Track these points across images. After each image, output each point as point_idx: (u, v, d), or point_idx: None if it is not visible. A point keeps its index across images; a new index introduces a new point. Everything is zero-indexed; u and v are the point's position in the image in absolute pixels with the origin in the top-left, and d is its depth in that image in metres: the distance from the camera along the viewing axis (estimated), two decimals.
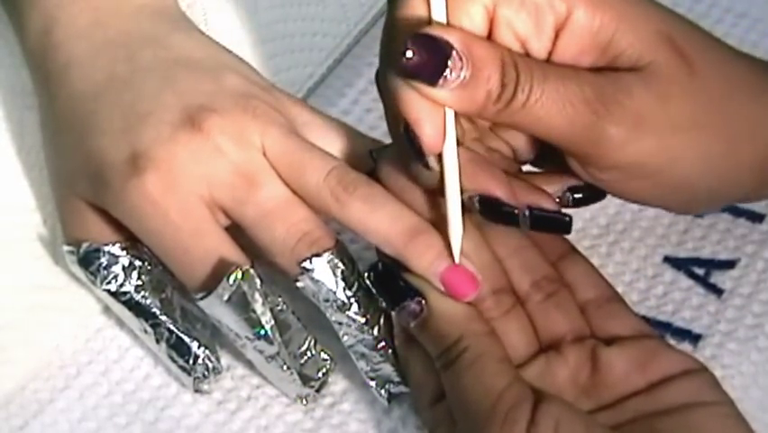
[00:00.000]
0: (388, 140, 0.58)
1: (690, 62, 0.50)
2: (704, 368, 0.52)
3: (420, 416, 0.55)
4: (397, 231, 0.53)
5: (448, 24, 0.49)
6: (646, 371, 0.51)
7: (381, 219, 0.53)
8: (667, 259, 0.61)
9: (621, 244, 0.62)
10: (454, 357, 0.51)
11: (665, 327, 0.58)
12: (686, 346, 0.57)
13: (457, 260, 0.52)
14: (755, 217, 0.62)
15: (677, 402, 0.50)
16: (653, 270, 0.61)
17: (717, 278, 0.60)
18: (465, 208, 0.52)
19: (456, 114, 0.50)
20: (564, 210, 0.54)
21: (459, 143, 0.51)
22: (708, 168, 0.52)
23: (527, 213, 0.52)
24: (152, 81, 0.56)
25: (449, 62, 0.48)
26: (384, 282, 0.54)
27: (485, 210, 0.52)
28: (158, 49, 0.58)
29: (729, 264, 0.61)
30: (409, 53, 0.48)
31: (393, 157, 0.54)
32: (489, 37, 0.50)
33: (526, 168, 0.56)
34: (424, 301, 0.52)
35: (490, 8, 0.50)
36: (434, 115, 0.49)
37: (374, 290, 0.54)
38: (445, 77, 0.48)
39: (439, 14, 0.49)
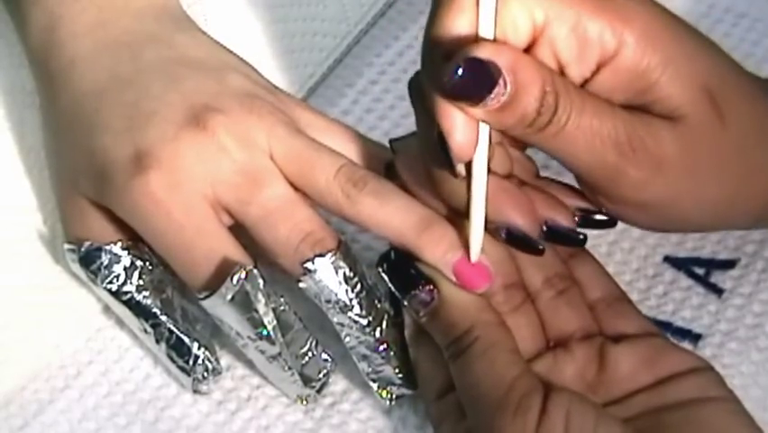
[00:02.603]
0: (387, 139, 0.58)
1: (724, 116, 0.50)
2: (710, 366, 0.52)
3: (426, 410, 0.55)
4: (409, 223, 0.53)
5: (495, 40, 0.48)
6: (653, 368, 0.51)
7: (393, 213, 0.53)
8: (667, 258, 0.61)
9: (621, 244, 0.62)
10: (465, 346, 0.51)
11: (665, 326, 0.59)
12: (686, 346, 0.57)
13: (475, 258, 0.52)
14: None
15: (683, 398, 0.50)
16: (654, 269, 0.61)
17: (718, 277, 0.60)
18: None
19: None
20: None
21: (489, 170, 0.51)
22: (713, 211, 0.52)
23: (544, 227, 0.52)
24: (157, 80, 0.56)
25: (495, 89, 0.48)
26: (396, 270, 0.53)
27: (510, 241, 0.52)
28: (162, 48, 0.58)
29: (729, 264, 0.61)
30: (458, 74, 0.47)
31: (413, 149, 0.53)
32: (528, 51, 0.50)
33: (545, 172, 0.56)
34: (435, 290, 0.52)
35: (539, 26, 0.49)
36: (468, 124, 0.49)
37: (386, 278, 0.53)
38: (486, 101, 0.48)
39: (487, 30, 0.48)
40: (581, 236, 0.53)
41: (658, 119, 0.50)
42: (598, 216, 0.54)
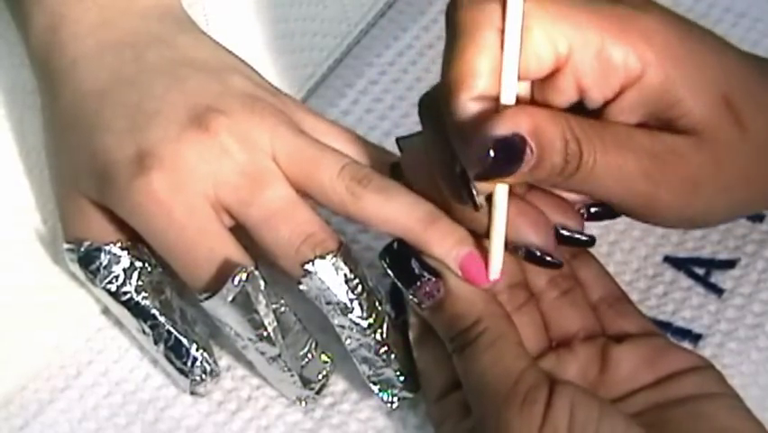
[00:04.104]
0: (387, 139, 0.58)
1: (744, 124, 0.50)
2: (710, 365, 0.52)
3: (427, 410, 0.55)
4: (415, 218, 0.53)
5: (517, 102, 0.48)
6: (654, 367, 0.52)
7: (398, 208, 0.53)
8: (667, 259, 0.61)
9: (621, 244, 0.62)
10: (472, 339, 0.51)
11: (666, 326, 0.59)
12: (686, 346, 0.57)
13: (496, 276, 0.53)
14: (755, 217, 0.62)
15: (685, 394, 0.51)
16: (654, 269, 0.61)
17: (718, 277, 0.60)
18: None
19: None
20: None
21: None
22: (740, 210, 0.54)
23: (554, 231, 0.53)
24: (159, 81, 0.56)
25: (523, 159, 0.48)
26: (399, 262, 0.53)
27: (529, 259, 0.52)
28: (165, 49, 0.58)
29: (729, 264, 0.61)
30: (490, 157, 0.47)
31: (418, 147, 0.54)
32: (548, 79, 0.49)
33: None
34: (441, 281, 0.52)
35: (563, 55, 0.49)
36: None
37: (389, 271, 0.53)
38: (518, 171, 0.48)
39: (509, 96, 0.48)
40: (590, 238, 0.54)
41: (681, 137, 0.50)
42: (602, 210, 0.54)
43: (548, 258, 0.52)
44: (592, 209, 0.54)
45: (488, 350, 0.51)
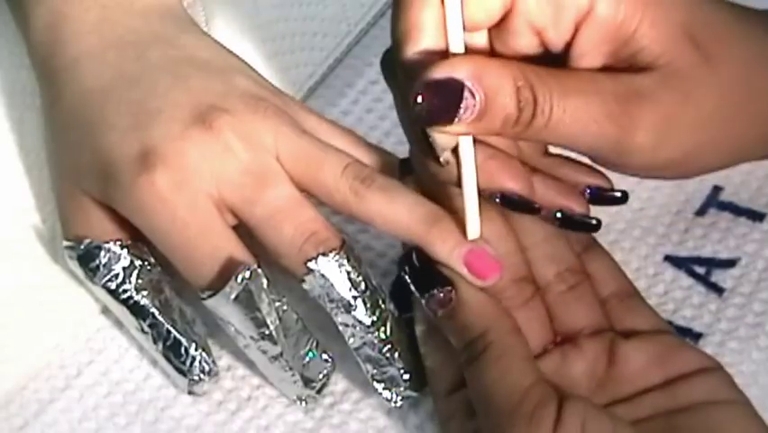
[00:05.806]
0: (387, 139, 0.58)
1: (709, 56, 0.50)
2: (719, 366, 0.52)
3: (434, 406, 0.55)
4: (417, 218, 0.53)
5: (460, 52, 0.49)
6: (664, 366, 0.52)
7: (401, 208, 0.54)
8: (668, 258, 0.61)
9: (622, 243, 0.62)
10: (479, 351, 0.51)
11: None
12: None
13: (472, 236, 0.52)
14: (756, 216, 0.62)
15: (695, 400, 0.50)
16: (654, 269, 0.61)
17: (718, 277, 0.60)
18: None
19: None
20: None
21: (476, 140, 0.51)
22: (730, 152, 0.53)
23: (558, 215, 0.53)
24: (163, 79, 0.56)
25: (462, 103, 0.48)
26: (416, 270, 0.53)
27: (505, 204, 0.52)
28: (167, 48, 0.58)
29: (730, 263, 0.61)
30: (419, 100, 0.48)
31: None
32: (502, 24, 0.50)
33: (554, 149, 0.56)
34: (453, 291, 0.52)
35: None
36: None
37: (407, 278, 0.53)
38: (459, 117, 0.48)
39: (456, 48, 0.48)
40: (595, 222, 0.54)
41: (646, 76, 0.50)
42: (610, 193, 0.54)
43: (525, 201, 0.52)
44: (588, 191, 0.54)
45: (494, 364, 0.50)
